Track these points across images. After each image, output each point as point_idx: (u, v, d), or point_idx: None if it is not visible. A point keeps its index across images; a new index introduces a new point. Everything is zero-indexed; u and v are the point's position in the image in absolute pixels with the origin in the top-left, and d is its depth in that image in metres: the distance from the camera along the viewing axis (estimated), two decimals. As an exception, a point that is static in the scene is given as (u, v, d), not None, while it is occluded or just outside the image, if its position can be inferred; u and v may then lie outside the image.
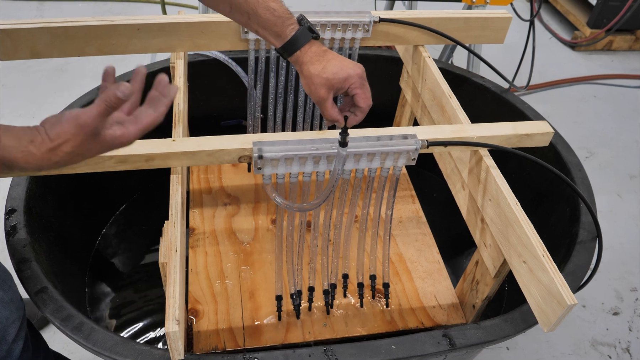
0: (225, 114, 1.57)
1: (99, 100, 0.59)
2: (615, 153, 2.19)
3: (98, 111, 0.60)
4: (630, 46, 2.85)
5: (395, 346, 0.84)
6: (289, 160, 0.88)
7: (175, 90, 0.68)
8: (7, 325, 0.85)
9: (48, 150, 0.60)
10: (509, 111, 1.36)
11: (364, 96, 0.90)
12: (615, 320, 1.57)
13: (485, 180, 0.95)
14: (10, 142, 0.58)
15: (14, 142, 0.58)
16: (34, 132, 0.60)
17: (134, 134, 0.64)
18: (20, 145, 0.59)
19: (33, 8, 2.86)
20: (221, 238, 1.27)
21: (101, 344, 0.85)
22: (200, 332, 1.08)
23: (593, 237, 1.03)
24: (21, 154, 0.59)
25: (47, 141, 0.59)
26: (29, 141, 0.59)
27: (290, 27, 0.87)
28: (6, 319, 0.85)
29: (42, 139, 0.59)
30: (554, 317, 0.76)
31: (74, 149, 0.60)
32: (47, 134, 0.59)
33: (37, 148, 0.59)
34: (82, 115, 0.59)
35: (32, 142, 0.59)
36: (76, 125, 0.59)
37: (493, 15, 1.23)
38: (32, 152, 0.59)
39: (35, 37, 1.06)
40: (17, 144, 0.58)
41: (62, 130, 0.60)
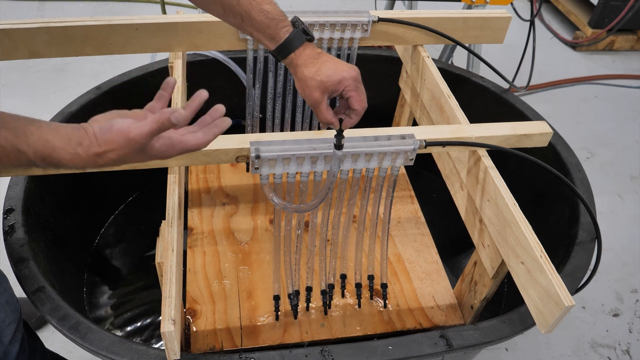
0: (226, 114, 1.57)
1: (153, 121, 0.61)
2: (616, 153, 2.18)
3: (150, 130, 0.61)
4: (632, 46, 2.84)
5: (392, 347, 0.84)
6: (287, 160, 0.88)
7: (228, 124, 0.70)
8: (2, 327, 0.86)
9: (95, 155, 0.61)
10: (509, 111, 1.36)
11: (359, 99, 0.89)
12: (615, 321, 1.57)
13: (484, 181, 0.95)
14: (60, 144, 0.59)
15: (63, 144, 0.59)
16: (82, 133, 0.61)
17: (176, 152, 0.67)
18: (69, 147, 0.60)
19: (34, 8, 2.87)
20: (219, 238, 1.27)
21: (98, 343, 0.85)
22: (197, 331, 1.08)
23: (592, 238, 1.02)
24: (69, 155, 0.60)
25: (95, 146, 0.61)
26: (78, 143, 0.60)
27: (284, 29, 0.87)
28: (2, 322, 0.85)
29: (90, 142, 0.60)
30: (551, 318, 0.76)
31: (119, 157, 0.62)
32: (95, 138, 0.61)
33: (85, 151, 0.60)
34: (134, 131, 0.61)
35: (81, 144, 0.60)
36: (126, 139, 0.61)
37: (492, 15, 1.23)
38: (79, 154, 0.60)
39: (33, 37, 1.07)
40: (66, 146, 0.59)
41: (111, 140, 0.61)
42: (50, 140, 0.59)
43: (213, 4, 0.86)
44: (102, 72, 2.33)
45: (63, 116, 1.26)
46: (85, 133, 0.61)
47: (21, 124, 0.58)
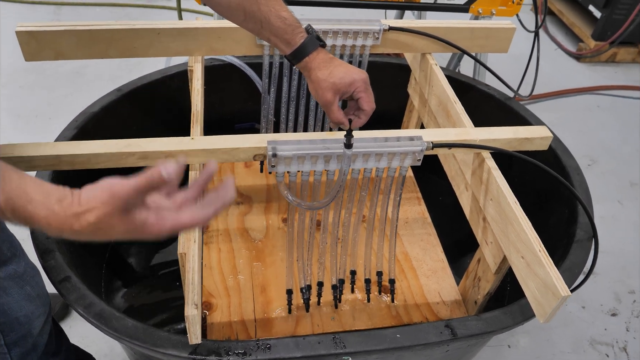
0: (239, 117, 1.63)
1: (142, 175, 0.54)
2: (617, 161, 2.23)
3: (137, 185, 0.54)
4: (633, 58, 2.90)
5: (400, 335, 0.89)
6: (301, 159, 0.93)
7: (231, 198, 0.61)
8: (32, 319, 0.89)
9: (73, 215, 0.53)
10: (513, 118, 1.41)
11: (368, 100, 0.95)
12: (613, 321, 1.62)
13: (487, 181, 1.00)
14: (38, 197, 0.53)
15: (42, 197, 0.53)
16: (66, 192, 0.55)
17: (168, 229, 0.57)
18: (47, 202, 0.53)
19: (50, 12, 2.94)
20: (234, 235, 1.32)
21: (123, 330, 0.88)
22: (213, 323, 1.13)
23: (589, 237, 1.07)
24: (45, 211, 0.53)
25: (76, 204, 0.54)
26: (58, 200, 0.54)
27: (299, 35, 0.93)
28: (32, 313, 0.89)
29: (70, 201, 0.54)
30: (549, 308, 0.81)
31: (99, 219, 0.54)
32: (78, 197, 0.54)
33: (63, 209, 0.53)
34: (117, 185, 0.54)
35: (60, 202, 0.54)
36: (109, 194, 0.54)
37: (497, 25, 1.28)
38: (56, 213, 0.53)
39: (60, 39, 1.12)
40: (45, 200, 0.53)
41: (93, 196, 0.54)
42: (29, 193, 0.53)
43: (235, 11, 0.91)
44: (118, 75, 2.39)
45: (86, 116, 1.31)
46: (70, 193, 0.55)
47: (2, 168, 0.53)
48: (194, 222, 0.58)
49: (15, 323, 0.86)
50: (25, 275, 0.87)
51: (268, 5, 0.89)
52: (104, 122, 1.34)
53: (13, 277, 0.85)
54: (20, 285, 0.86)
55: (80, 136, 1.25)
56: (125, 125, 1.39)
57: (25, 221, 0.54)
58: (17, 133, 2.12)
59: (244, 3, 0.89)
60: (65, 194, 0.54)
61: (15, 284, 0.85)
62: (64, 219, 0.53)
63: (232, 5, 0.90)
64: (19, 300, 0.86)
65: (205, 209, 0.59)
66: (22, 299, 0.86)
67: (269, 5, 0.89)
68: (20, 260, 0.87)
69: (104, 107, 1.36)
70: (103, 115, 1.34)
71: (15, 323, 0.86)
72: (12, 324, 0.86)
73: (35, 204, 0.53)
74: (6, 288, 0.84)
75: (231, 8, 0.91)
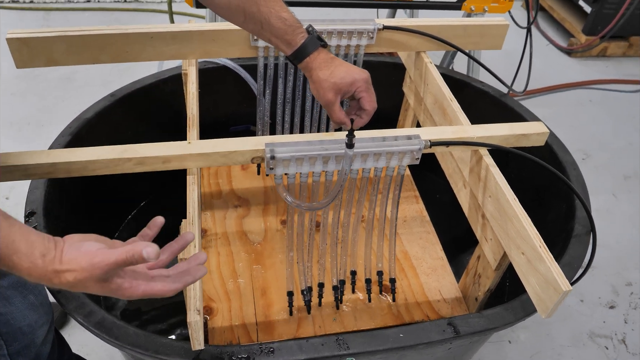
0: (234, 120, 1.62)
1: (122, 251, 0.57)
2: (610, 155, 2.25)
3: (116, 260, 0.57)
4: (623, 52, 2.92)
5: (403, 335, 0.89)
6: (300, 161, 0.93)
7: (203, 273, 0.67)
8: (35, 328, 0.89)
9: (53, 271, 0.57)
10: (508, 114, 1.42)
11: (370, 99, 0.95)
12: (611, 313, 1.63)
13: (485, 178, 1.01)
14: (24, 249, 0.56)
15: (26, 249, 0.56)
16: (50, 246, 0.58)
17: (140, 294, 0.61)
18: (31, 255, 0.56)
19: (39, 18, 2.92)
20: (232, 239, 1.32)
21: (124, 338, 0.88)
22: (214, 328, 1.12)
23: (587, 231, 1.08)
24: (28, 264, 0.56)
25: (57, 262, 0.57)
26: (41, 254, 0.56)
27: (300, 35, 0.93)
28: (35, 322, 0.88)
29: (53, 257, 0.57)
30: (550, 303, 0.81)
31: (76, 281, 0.57)
32: (61, 254, 0.57)
33: (45, 264, 0.56)
34: (99, 256, 0.57)
35: (44, 256, 0.57)
36: (89, 262, 0.57)
37: (491, 22, 1.29)
38: (37, 266, 0.56)
39: (51, 46, 1.10)
40: (29, 253, 0.56)
41: (75, 259, 0.57)
42: (16, 242, 0.56)
43: (235, 13, 0.91)
44: (110, 80, 2.38)
45: (79, 122, 1.30)
46: (54, 246, 0.58)
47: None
48: (163, 293, 0.62)
49: (19, 333, 0.85)
50: (28, 284, 0.87)
51: (268, 6, 0.89)
52: (98, 128, 1.33)
53: (16, 286, 0.84)
54: (23, 295, 0.85)
55: (74, 143, 1.24)
56: (119, 131, 1.39)
57: (8, 267, 0.56)
58: (10, 141, 2.10)
59: (244, 4, 0.89)
60: (48, 248, 0.57)
61: (18, 293, 0.84)
62: (44, 273, 0.56)
63: (231, 7, 0.90)
64: (23, 309, 0.85)
65: (176, 282, 0.64)
66: (25, 308, 0.85)
67: (269, 6, 0.89)
68: None
69: (98, 113, 1.35)
70: (97, 121, 1.33)
71: (19, 333, 0.85)
72: (15, 334, 0.85)
73: (20, 255, 0.56)
74: (9, 297, 0.83)
75: (231, 9, 0.91)
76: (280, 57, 1.25)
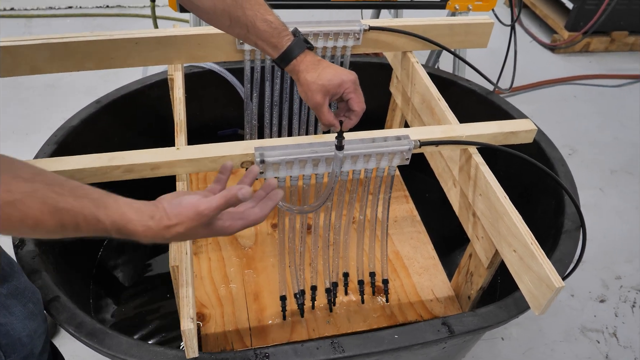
0: (221, 124, 1.61)
1: (221, 197, 0.66)
2: (596, 150, 2.27)
3: (217, 205, 0.66)
4: (606, 47, 2.96)
5: (397, 336, 0.89)
6: (290, 164, 0.93)
7: (280, 196, 0.75)
8: (34, 338, 0.87)
9: (165, 227, 0.65)
10: (495, 112, 1.42)
11: (358, 100, 0.95)
12: (602, 307, 1.64)
13: (475, 177, 1.01)
14: (134, 216, 0.63)
15: (137, 216, 0.64)
16: (153, 208, 0.65)
17: (239, 228, 0.71)
18: (142, 219, 0.64)
19: (21, 25, 2.88)
20: (223, 244, 1.31)
21: (116, 347, 0.87)
22: (208, 334, 1.12)
23: (577, 226, 1.09)
24: (142, 227, 0.64)
25: (165, 219, 0.65)
26: (150, 216, 0.64)
27: (286, 37, 0.92)
28: (34, 332, 0.87)
29: (161, 216, 0.65)
30: (544, 300, 0.81)
31: (187, 231, 0.66)
32: (165, 212, 0.65)
33: (156, 223, 0.64)
34: (203, 205, 0.66)
35: (152, 217, 0.64)
36: (195, 212, 0.65)
37: (476, 21, 1.29)
38: (151, 227, 0.64)
39: (35, 54, 1.09)
40: (140, 218, 0.64)
41: (181, 213, 0.65)
42: (126, 213, 0.63)
43: (220, 17, 0.90)
44: (95, 86, 2.35)
45: (65, 130, 1.28)
46: (156, 208, 0.65)
47: (101, 196, 0.63)
48: (257, 220, 0.72)
49: (18, 344, 0.84)
50: (27, 292, 0.86)
51: (253, 10, 0.88)
52: (84, 136, 1.31)
53: (15, 294, 0.83)
54: (22, 303, 0.84)
55: (60, 151, 1.22)
56: (106, 138, 1.37)
57: (126, 235, 0.64)
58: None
59: (229, 8, 0.88)
60: (153, 210, 0.65)
61: (18, 301, 0.83)
62: (157, 231, 0.65)
63: (217, 11, 0.89)
64: (22, 318, 0.84)
65: (263, 209, 0.73)
66: (25, 317, 0.84)
67: (254, 10, 0.88)
68: (20, 277, 0.85)
69: (84, 120, 1.33)
70: (83, 128, 1.32)
71: (18, 344, 0.84)
72: (14, 345, 0.83)
73: (134, 222, 0.63)
74: (9, 306, 0.82)
75: (216, 14, 0.90)
76: (267, 60, 1.24)
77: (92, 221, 0.61)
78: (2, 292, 0.81)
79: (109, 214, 0.62)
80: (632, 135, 2.37)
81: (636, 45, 2.97)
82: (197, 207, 0.65)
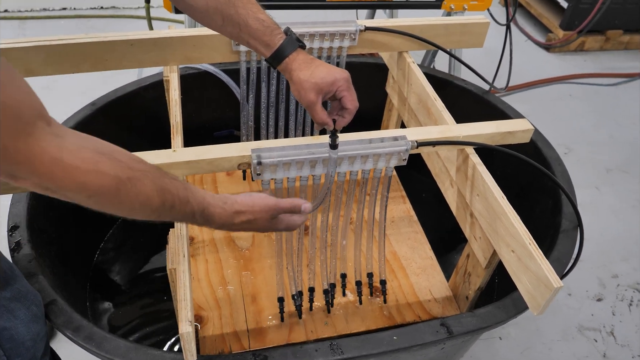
0: (217, 125, 1.61)
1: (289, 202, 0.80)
2: (592, 148, 2.28)
3: (284, 207, 0.79)
4: (601, 46, 2.97)
5: (396, 337, 0.89)
6: (287, 165, 0.92)
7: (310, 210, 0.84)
8: (37, 341, 0.87)
9: (235, 212, 0.74)
10: (491, 111, 1.43)
11: (351, 98, 0.95)
12: (599, 306, 1.65)
13: (473, 177, 1.01)
14: (211, 200, 0.72)
15: (214, 201, 0.72)
16: (225, 196, 0.75)
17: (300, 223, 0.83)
18: (216, 204, 0.72)
19: (15, 27, 2.86)
20: (220, 246, 1.31)
21: (114, 351, 0.87)
22: (205, 337, 1.11)
23: (575, 226, 1.09)
24: (218, 210, 0.72)
25: (237, 205, 0.74)
26: (223, 202, 0.73)
27: (278, 36, 0.92)
28: (37, 335, 0.86)
29: (232, 202, 0.74)
30: (542, 300, 0.81)
31: (253, 219, 0.76)
32: (236, 201, 0.74)
33: (229, 207, 0.73)
34: (271, 201, 0.77)
35: (225, 203, 0.73)
36: (265, 204, 0.77)
37: (472, 21, 1.29)
38: (225, 210, 0.73)
39: (29, 56, 1.09)
40: (215, 203, 0.72)
41: (252, 203, 0.76)
42: (206, 197, 0.72)
43: (212, 16, 0.90)
44: (91, 88, 2.32)
45: (60, 133, 1.28)
46: (228, 197, 0.75)
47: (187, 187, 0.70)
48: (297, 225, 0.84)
49: (22, 348, 0.83)
50: (29, 295, 0.86)
51: (246, 8, 0.88)
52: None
53: (18, 297, 0.82)
54: (26, 306, 0.84)
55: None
56: (102, 140, 1.36)
57: (207, 218, 0.72)
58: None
59: (222, 7, 0.88)
60: (226, 197, 0.75)
61: (22, 305, 0.83)
62: (229, 215, 0.74)
63: (209, 10, 0.89)
64: (27, 322, 0.83)
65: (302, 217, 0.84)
66: (29, 321, 0.84)
67: (246, 8, 0.88)
68: (22, 280, 0.85)
69: (79, 123, 1.33)
70: (78, 130, 1.30)
71: (22, 348, 0.83)
72: (18, 349, 0.83)
73: (213, 206, 0.72)
74: (13, 310, 0.81)
75: (209, 13, 0.90)
76: (263, 61, 1.24)
77: (184, 201, 0.68)
78: (5, 295, 0.80)
79: (196, 197, 0.70)
80: (628, 134, 2.38)
81: (631, 43, 2.98)
82: (266, 201, 0.76)
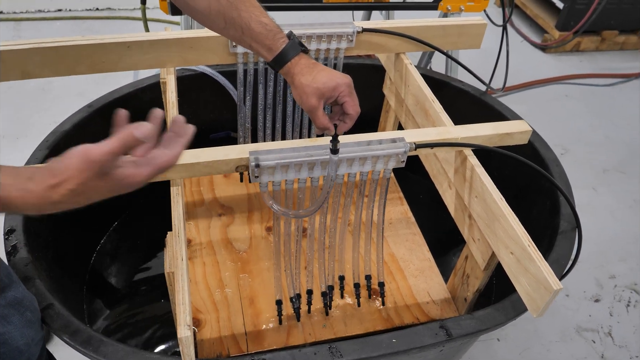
0: (214, 127, 1.60)
1: (115, 138, 0.56)
2: (588, 149, 2.29)
3: (111, 148, 0.55)
4: (596, 46, 2.98)
5: (395, 340, 0.89)
6: (285, 168, 0.92)
7: (192, 130, 0.65)
8: (32, 346, 0.87)
9: (48, 187, 0.54)
10: (488, 112, 1.43)
11: (353, 103, 0.94)
12: (596, 306, 1.65)
13: (471, 179, 1.01)
14: (8, 180, 0.54)
15: (11, 180, 0.54)
16: (34, 169, 0.55)
17: (147, 175, 0.60)
18: (17, 182, 0.54)
19: (10, 28, 2.85)
20: (218, 248, 1.30)
21: (112, 355, 0.86)
22: (203, 340, 1.11)
23: (573, 227, 1.09)
24: (18, 192, 0.54)
25: (48, 177, 0.54)
26: (28, 178, 0.54)
27: (280, 40, 0.92)
28: (32, 340, 0.86)
29: (42, 174, 0.54)
30: (542, 302, 0.81)
31: (78, 186, 0.55)
32: (49, 170, 0.55)
33: (36, 184, 0.54)
34: (93, 151, 0.55)
35: (31, 179, 0.54)
36: (84, 160, 0.55)
37: (469, 22, 1.29)
38: (30, 190, 0.54)
39: (26, 58, 1.08)
40: (15, 182, 0.54)
41: (67, 166, 0.54)
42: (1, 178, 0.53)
43: (215, 19, 0.89)
44: (86, 89, 2.32)
45: (57, 135, 1.27)
46: (38, 168, 0.55)
47: None
48: (170, 162, 0.61)
49: (16, 352, 0.83)
50: (25, 301, 0.85)
51: (248, 12, 0.88)
52: (76, 140, 1.27)
53: (13, 304, 0.82)
54: (20, 312, 0.83)
55: (52, 156, 1.20)
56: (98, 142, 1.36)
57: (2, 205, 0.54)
58: (-16, 155, 2.04)
59: (224, 10, 0.88)
60: (34, 170, 0.55)
61: (16, 311, 0.83)
62: (39, 195, 0.54)
63: (212, 13, 0.88)
64: (21, 327, 0.83)
65: (176, 147, 0.62)
66: (23, 326, 0.83)
67: (249, 12, 0.88)
68: (18, 286, 0.85)
69: (76, 125, 1.32)
70: (75, 133, 1.31)
71: (16, 352, 0.83)
72: (12, 353, 0.83)
73: (7, 187, 0.53)
74: (7, 316, 0.81)
75: (211, 16, 0.89)
76: (260, 62, 1.24)
77: None
78: (0, 302, 0.80)
79: None
80: (624, 134, 2.39)
81: (627, 44, 2.99)
82: (86, 154, 0.54)
